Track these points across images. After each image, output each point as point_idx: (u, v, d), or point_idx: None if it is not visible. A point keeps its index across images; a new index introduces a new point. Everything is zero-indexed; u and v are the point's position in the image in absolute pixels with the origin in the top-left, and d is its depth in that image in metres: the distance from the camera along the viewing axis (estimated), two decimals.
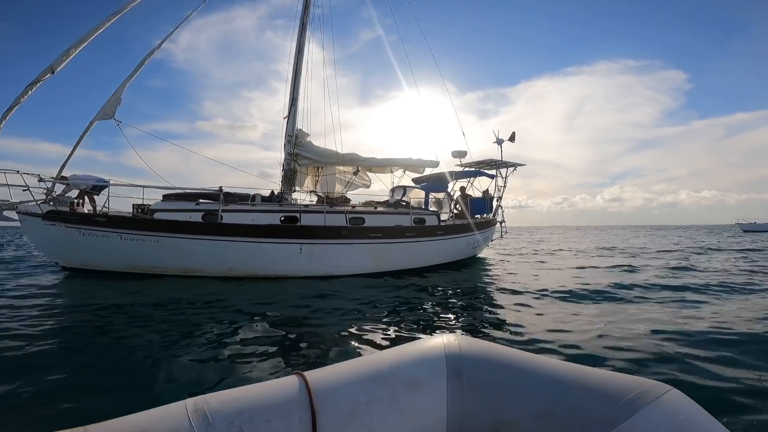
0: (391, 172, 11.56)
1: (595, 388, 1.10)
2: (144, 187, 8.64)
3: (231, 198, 9.27)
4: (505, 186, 13.69)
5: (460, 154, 13.29)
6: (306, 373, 1.19)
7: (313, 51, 11.12)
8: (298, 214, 9.17)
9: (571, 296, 6.52)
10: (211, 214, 8.61)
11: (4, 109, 7.84)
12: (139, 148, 8.82)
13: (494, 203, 13.51)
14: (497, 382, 1.20)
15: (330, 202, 10.18)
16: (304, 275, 8.82)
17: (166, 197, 8.86)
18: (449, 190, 12.48)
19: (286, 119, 11.01)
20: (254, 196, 9.76)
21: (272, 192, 10.34)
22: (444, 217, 12.13)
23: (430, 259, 10.60)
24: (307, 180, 11.46)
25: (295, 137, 10.99)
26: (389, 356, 1.29)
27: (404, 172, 11.59)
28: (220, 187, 8.66)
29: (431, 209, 11.72)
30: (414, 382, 1.19)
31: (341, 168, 11.47)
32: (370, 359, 1.28)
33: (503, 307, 5.79)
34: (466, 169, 13.23)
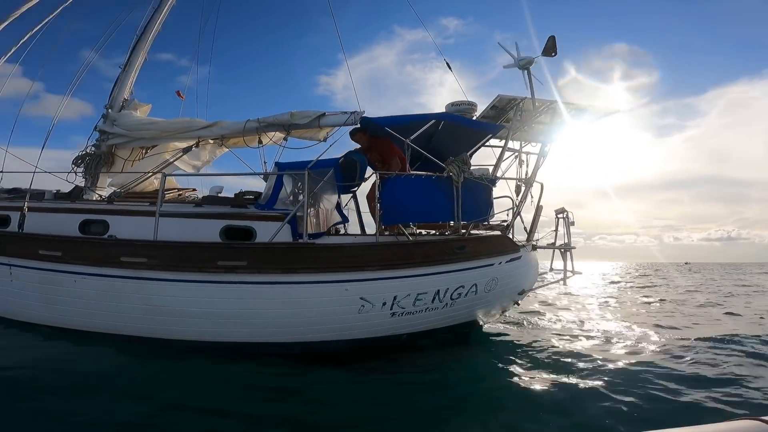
0: (259, 143, 6.89)
1: None
2: None
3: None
4: (543, 159, 5.90)
5: (461, 107, 5.93)
6: None
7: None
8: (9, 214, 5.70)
9: None
10: None
11: None
12: None
13: (495, 199, 5.63)
14: None
15: (124, 196, 6.24)
16: None
17: None
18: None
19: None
20: (46, 192, 6.26)
21: (75, 187, 6.68)
22: (357, 229, 7.15)
23: (203, 327, 4.79)
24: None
25: (120, 107, 7.26)
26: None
27: (285, 138, 6.70)
28: None
29: (283, 207, 5.20)
30: None
31: (178, 145, 7.26)
32: None
33: None
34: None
